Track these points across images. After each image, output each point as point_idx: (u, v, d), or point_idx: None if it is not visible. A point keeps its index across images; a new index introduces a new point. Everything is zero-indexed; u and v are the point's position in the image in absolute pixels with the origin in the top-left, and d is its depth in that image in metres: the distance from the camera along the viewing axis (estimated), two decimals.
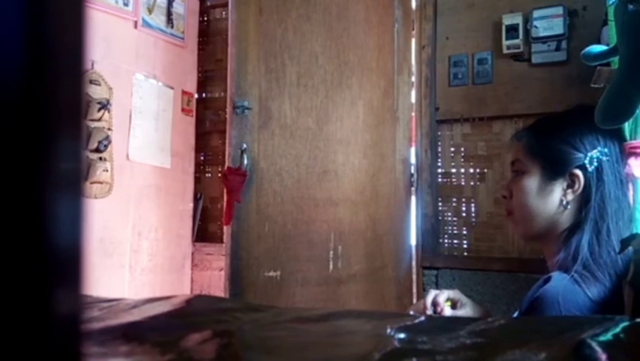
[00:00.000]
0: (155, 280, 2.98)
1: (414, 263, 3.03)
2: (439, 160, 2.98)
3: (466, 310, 1.53)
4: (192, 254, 3.29)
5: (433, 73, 3.00)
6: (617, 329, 0.51)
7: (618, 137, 1.61)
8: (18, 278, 0.25)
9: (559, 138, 1.50)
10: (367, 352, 0.52)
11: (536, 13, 2.70)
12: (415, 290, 3.01)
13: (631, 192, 2.05)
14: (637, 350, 0.50)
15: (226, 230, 3.16)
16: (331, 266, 2.81)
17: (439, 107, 2.97)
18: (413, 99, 3.08)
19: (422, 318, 0.64)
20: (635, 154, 2.06)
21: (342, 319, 0.70)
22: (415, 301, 3.00)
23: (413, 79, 3.09)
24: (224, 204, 3.17)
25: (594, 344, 0.46)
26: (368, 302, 2.87)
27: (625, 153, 2.08)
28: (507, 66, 2.83)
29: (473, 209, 2.89)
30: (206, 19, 3.41)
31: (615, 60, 2.06)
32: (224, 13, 3.35)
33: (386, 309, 2.92)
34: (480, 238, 2.86)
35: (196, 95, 3.35)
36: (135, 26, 2.88)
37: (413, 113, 3.08)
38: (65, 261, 0.27)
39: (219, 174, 3.31)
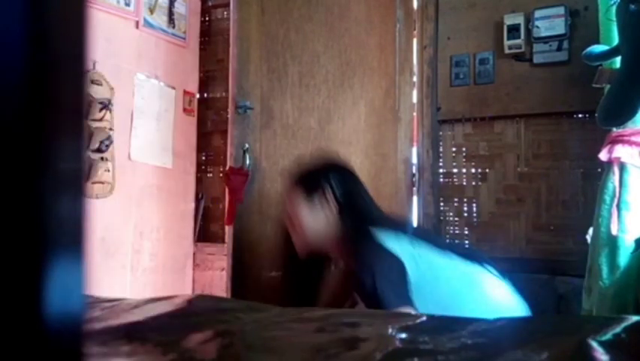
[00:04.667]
0: (157, 280, 2.99)
1: None
2: (441, 160, 2.98)
3: None
4: (194, 254, 3.29)
5: (434, 73, 2.99)
6: (618, 329, 0.51)
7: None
8: (20, 278, 0.25)
9: None
10: (369, 352, 0.52)
11: (538, 13, 2.70)
12: None
13: (616, 176, 2.07)
14: (637, 350, 0.50)
15: (228, 230, 3.16)
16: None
17: (440, 107, 2.97)
18: (415, 99, 3.08)
19: (424, 318, 0.64)
20: (622, 142, 2.08)
21: (343, 319, 0.70)
22: None
23: (415, 79, 3.09)
24: (226, 204, 3.17)
25: (595, 344, 0.46)
26: None
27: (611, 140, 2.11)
28: (508, 66, 2.82)
29: (475, 209, 2.89)
30: (207, 19, 3.41)
31: (616, 60, 2.06)
32: (225, 13, 3.35)
33: None
34: (481, 238, 2.85)
35: (197, 95, 3.35)
36: (137, 26, 2.88)
37: (415, 113, 3.07)
38: (67, 261, 0.27)
39: (221, 174, 3.31)
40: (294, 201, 1.61)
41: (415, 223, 1.79)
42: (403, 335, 0.57)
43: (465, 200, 2.92)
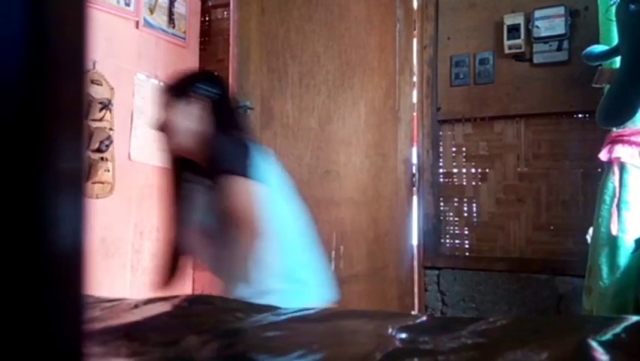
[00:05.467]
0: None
1: (415, 263, 3.03)
2: (441, 160, 2.98)
3: None
4: None
5: (434, 73, 3.00)
6: (618, 329, 0.51)
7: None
8: (20, 278, 0.25)
9: None
10: (369, 352, 0.52)
11: (538, 13, 2.70)
12: (416, 290, 3.01)
13: (616, 176, 2.07)
14: (637, 350, 0.50)
15: None
16: (333, 266, 2.81)
17: (440, 107, 2.97)
18: (415, 99, 3.08)
19: (424, 318, 0.64)
20: (622, 142, 2.08)
21: (343, 319, 0.71)
22: (416, 302, 3.00)
23: (415, 79, 3.09)
24: None
25: (595, 344, 0.46)
26: (370, 302, 2.87)
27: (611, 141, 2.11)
28: (508, 66, 2.82)
29: (475, 209, 2.89)
30: (207, 19, 3.41)
31: (616, 60, 2.06)
32: (225, 13, 3.35)
33: (388, 309, 2.92)
34: (481, 238, 2.86)
35: None
36: (137, 26, 2.87)
37: (415, 113, 3.07)
38: (67, 261, 0.27)
39: None
40: (167, 104, 1.70)
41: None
42: (403, 335, 0.57)
43: (465, 200, 2.92)
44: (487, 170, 2.86)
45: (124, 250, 2.81)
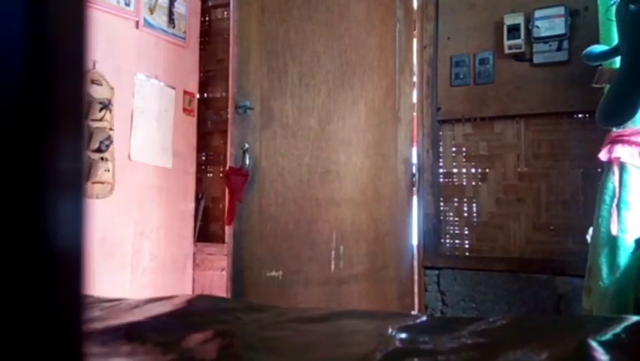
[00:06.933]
0: (157, 280, 2.99)
1: (415, 263, 3.03)
2: (441, 160, 2.98)
3: None
4: (194, 254, 3.29)
5: (434, 73, 3.00)
6: (618, 329, 0.51)
7: None
8: (20, 278, 0.25)
9: None
10: (369, 352, 0.52)
11: (538, 13, 2.70)
12: (416, 290, 3.01)
13: (616, 176, 2.07)
14: (637, 350, 0.50)
15: (228, 230, 3.16)
16: (333, 266, 2.81)
17: (440, 107, 2.97)
18: (415, 99, 3.08)
19: (424, 318, 0.64)
20: (622, 142, 2.08)
21: (344, 319, 0.71)
22: (416, 302, 3.00)
23: (415, 79, 3.09)
24: (226, 204, 3.17)
25: (595, 344, 0.46)
26: (370, 302, 2.87)
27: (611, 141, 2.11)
28: (508, 66, 2.82)
29: (475, 209, 2.89)
30: (207, 19, 3.41)
31: (616, 60, 2.06)
32: (225, 13, 3.36)
33: (388, 309, 2.92)
34: (481, 238, 2.85)
35: (197, 95, 3.35)
36: (137, 26, 2.88)
37: (415, 113, 3.07)
38: (67, 261, 0.27)
39: (221, 174, 3.31)
40: None
41: None
42: (403, 335, 0.57)
43: (465, 200, 2.92)
44: (487, 170, 2.86)
45: (124, 250, 2.81)
